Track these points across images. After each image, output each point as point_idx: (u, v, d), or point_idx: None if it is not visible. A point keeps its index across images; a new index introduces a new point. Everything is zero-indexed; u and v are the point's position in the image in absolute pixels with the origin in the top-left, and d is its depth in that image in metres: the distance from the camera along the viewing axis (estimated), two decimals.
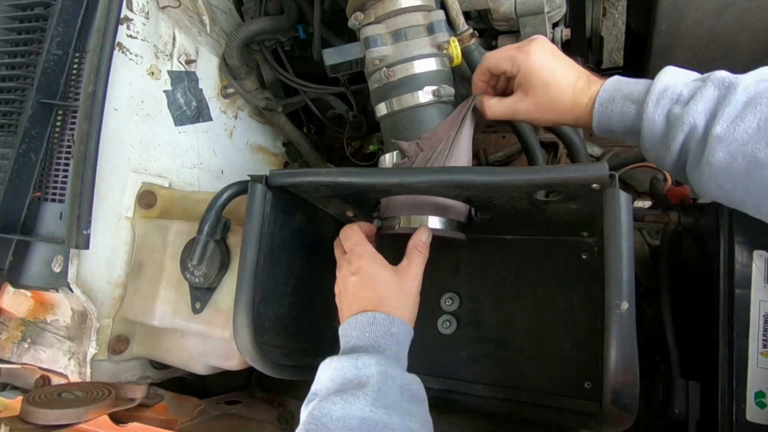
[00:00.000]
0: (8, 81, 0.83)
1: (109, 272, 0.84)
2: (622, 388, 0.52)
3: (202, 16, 1.07)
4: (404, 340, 0.64)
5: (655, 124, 0.59)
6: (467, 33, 0.86)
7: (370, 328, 0.62)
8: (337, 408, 0.53)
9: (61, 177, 0.82)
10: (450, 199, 0.71)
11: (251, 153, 1.20)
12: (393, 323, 0.63)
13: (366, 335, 0.62)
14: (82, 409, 0.76)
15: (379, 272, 0.66)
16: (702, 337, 0.75)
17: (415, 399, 0.59)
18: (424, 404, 0.60)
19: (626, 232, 0.54)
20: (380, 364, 0.57)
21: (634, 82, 0.63)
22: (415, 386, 0.60)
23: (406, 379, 0.59)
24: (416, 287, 0.68)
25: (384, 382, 0.56)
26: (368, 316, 0.63)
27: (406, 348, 0.65)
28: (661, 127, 0.59)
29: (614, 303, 0.53)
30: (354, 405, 0.53)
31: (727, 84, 0.56)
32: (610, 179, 0.56)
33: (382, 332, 0.62)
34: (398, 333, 0.63)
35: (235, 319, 0.68)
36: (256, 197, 0.70)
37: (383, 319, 0.63)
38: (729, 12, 0.95)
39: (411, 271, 0.68)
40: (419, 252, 0.69)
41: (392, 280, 0.66)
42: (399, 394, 0.57)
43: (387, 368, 0.57)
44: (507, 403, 0.76)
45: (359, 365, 0.57)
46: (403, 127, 0.76)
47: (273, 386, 1.17)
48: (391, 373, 0.57)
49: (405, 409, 0.56)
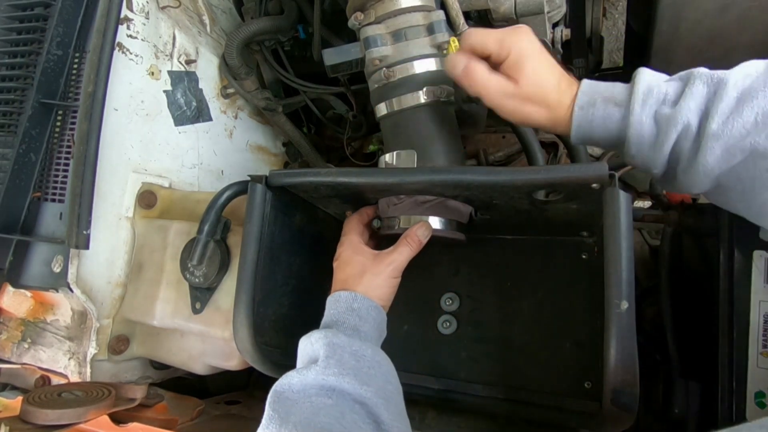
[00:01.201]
0: (8, 81, 0.82)
1: (109, 272, 0.84)
2: (622, 387, 0.52)
3: (202, 16, 1.07)
4: (367, 314, 0.65)
5: (644, 127, 0.57)
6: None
7: (334, 305, 0.66)
8: (295, 381, 0.56)
9: (61, 177, 0.82)
10: (451, 199, 0.71)
11: (251, 153, 1.20)
12: (355, 299, 0.65)
13: (331, 313, 0.66)
14: (82, 409, 0.76)
15: (353, 257, 0.70)
16: (702, 337, 0.75)
17: (375, 366, 0.60)
18: (384, 373, 0.61)
19: (626, 232, 0.54)
20: (327, 336, 0.60)
21: (611, 84, 0.60)
22: (369, 353, 0.60)
23: (355, 346, 0.60)
24: (390, 270, 0.69)
25: (333, 351, 0.58)
26: (335, 295, 0.67)
27: (370, 322, 0.66)
28: (650, 130, 0.56)
29: (614, 303, 0.53)
30: (308, 376, 0.57)
31: (716, 80, 0.55)
32: (609, 179, 0.56)
33: (343, 308, 0.65)
34: (360, 308, 0.65)
35: (235, 319, 0.68)
36: (256, 197, 0.70)
37: (345, 297, 0.66)
38: (729, 12, 0.95)
39: (389, 257, 0.69)
40: (407, 242, 0.70)
41: (364, 262, 0.69)
42: (354, 361, 0.58)
43: (333, 339, 0.60)
44: (507, 403, 0.76)
45: (312, 341, 0.61)
46: (403, 127, 0.76)
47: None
48: (338, 342, 0.59)
49: (360, 376, 0.57)
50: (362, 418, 0.54)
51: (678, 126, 0.55)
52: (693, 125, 0.54)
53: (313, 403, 0.54)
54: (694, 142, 0.54)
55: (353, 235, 0.74)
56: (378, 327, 0.67)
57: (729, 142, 0.52)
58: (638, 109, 0.57)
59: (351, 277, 0.69)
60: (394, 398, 0.60)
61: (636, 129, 0.57)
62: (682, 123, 0.54)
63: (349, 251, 0.71)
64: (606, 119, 0.59)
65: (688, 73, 0.57)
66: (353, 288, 0.67)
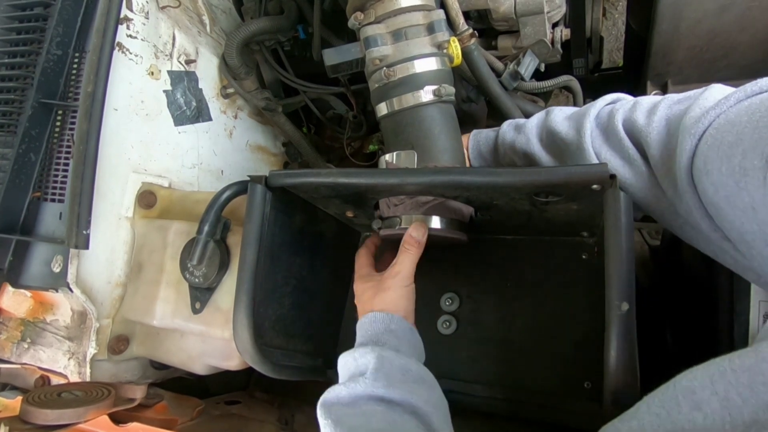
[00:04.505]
0: (8, 81, 0.82)
1: (108, 272, 0.84)
2: (623, 389, 0.52)
3: (202, 16, 1.07)
4: (403, 335, 0.67)
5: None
6: (467, 33, 0.86)
7: (370, 326, 0.67)
8: (344, 393, 0.57)
9: (61, 177, 0.82)
10: (452, 199, 0.71)
11: (251, 153, 1.20)
12: (392, 320, 0.67)
13: (368, 333, 0.67)
14: (82, 409, 0.76)
15: (365, 287, 0.74)
16: (702, 337, 0.75)
17: (420, 380, 0.62)
18: (430, 386, 0.62)
19: (627, 233, 0.54)
20: (375, 350, 0.61)
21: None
22: (414, 368, 0.62)
23: (403, 360, 0.62)
24: (398, 281, 0.70)
25: (381, 364, 0.59)
26: (369, 316, 0.68)
27: (406, 343, 0.67)
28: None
29: (615, 304, 0.53)
30: (357, 388, 0.57)
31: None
32: (610, 180, 0.56)
33: (381, 329, 0.67)
34: (397, 330, 0.67)
35: (235, 319, 0.68)
36: (256, 197, 0.70)
37: (382, 318, 0.67)
38: (729, 12, 0.95)
39: (393, 270, 0.71)
40: (405, 249, 0.71)
41: (374, 286, 0.72)
42: (400, 374, 0.60)
43: (382, 352, 0.61)
44: (507, 403, 0.76)
45: (357, 356, 0.62)
46: (404, 127, 0.76)
47: (273, 386, 1.17)
48: (387, 356, 0.61)
49: (407, 387, 0.58)
50: (414, 428, 0.55)
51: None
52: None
53: (365, 411, 0.55)
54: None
55: (362, 269, 0.78)
56: (416, 349, 0.69)
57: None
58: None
59: (368, 303, 0.71)
60: (442, 409, 0.61)
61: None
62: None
63: (360, 284, 0.75)
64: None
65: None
66: (380, 309, 0.69)
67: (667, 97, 0.59)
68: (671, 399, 0.36)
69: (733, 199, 0.44)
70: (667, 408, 0.36)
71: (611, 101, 0.67)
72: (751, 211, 0.43)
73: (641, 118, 0.58)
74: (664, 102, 0.58)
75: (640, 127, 0.58)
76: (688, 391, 0.35)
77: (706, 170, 0.48)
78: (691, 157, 0.50)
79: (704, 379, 0.35)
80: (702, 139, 0.49)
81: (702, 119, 0.49)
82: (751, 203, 0.42)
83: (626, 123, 0.61)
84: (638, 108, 0.60)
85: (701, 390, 0.35)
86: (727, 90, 0.53)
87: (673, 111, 0.56)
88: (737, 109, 0.47)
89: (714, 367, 0.35)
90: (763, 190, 0.41)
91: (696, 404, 0.34)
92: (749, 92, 0.48)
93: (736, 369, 0.34)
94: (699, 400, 0.34)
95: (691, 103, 0.53)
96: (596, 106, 0.67)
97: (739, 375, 0.33)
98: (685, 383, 0.36)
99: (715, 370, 0.35)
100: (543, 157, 0.73)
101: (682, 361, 0.77)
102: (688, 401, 0.35)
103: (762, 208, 0.41)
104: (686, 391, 0.35)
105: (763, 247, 0.44)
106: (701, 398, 0.34)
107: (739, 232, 0.47)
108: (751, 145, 0.42)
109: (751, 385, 0.32)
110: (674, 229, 0.62)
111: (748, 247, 0.46)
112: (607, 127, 0.63)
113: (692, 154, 0.50)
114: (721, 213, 0.48)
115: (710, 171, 0.47)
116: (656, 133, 0.56)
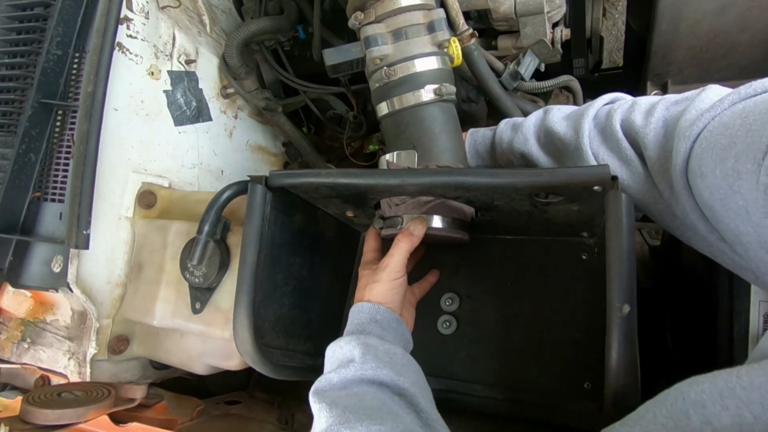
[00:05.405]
0: (8, 81, 0.82)
1: (109, 272, 0.84)
2: (624, 390, 0.52)
3: (202, 16, 1.07)
4: (388, 325, 0.69)
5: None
6: (467, 33, 0.86)
7: (357, 315, 0.70)
8: (335, 379, 0.58)
9: (61, 177, 0.82)
10: (453, 200, 0.71)
11: (251, 153, 1.20)
12: (377, 311, 0.70)
13: (355, 322, 0.69)
14: (82, 409, 0.76)
15: (360, 280, 0.75)
16: (702, 337, 0.75)
17: (407, 362, 0.63)
18: (415, 371, 0.64)
19: (627, 235, 0.54)
20: (360, 339, 0.63)
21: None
22: (399, 352, 0.64)
23: (387, 346, 0.63)
24: (387, 273, 0.72)
25: (367, 349, 0.61)
26: (357, 305, 0.71)
27: (392, 332, 0.69)
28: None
29: (616, 306, 0.53)
30: (347, 372, 0.59)
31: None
32: (611, 181, 0.56)
33: (366, 319, 0.69)
34: (382, 320, 0.69)
35: (235, 319, 0.68)
36: (256, 198, 0.70)
37: (368, 308, 0.70)
38: (729, 12, 0.95)
39: (384, 262, 0.73)
40: (398, 240, 0.72)
41: (367, 276, 0.74)
42: (387, 358, 0.61)
43: (366, 340, 0.63)
44: (507, 403, 0.76)
45: (342, 344, 0.64)
46: (404, 126, 0.76)
47: (273, 386, 1.17)
48: (371, 343, 0.62)
49: (396, 369, 0.60)
50: (403, 408, 0.56)
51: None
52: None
53: (356, 393, 0.56)
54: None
55: (367, 254, 0.80)
56: (402, 338, 0.71)
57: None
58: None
59: (360, 292, 0.73)
60: (428, 391, 0.62)
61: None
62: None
63: (360, 270, 0.77)
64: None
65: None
66: (368, 299, 0.71)
67: (665, 98, 0.59)
68: (681, 412, 0.36)
69: (728, 201, 0.45)
70: (675, 419, 0.36)
71: (610, 101, 0.68)
72: (745, 214, 0.43)
73: (639, 119, 0.58)
74: (662, 103, 0.58)
75: (638, 128, 0.58)
76: (698, 405, 0.35)
77: (700, 173, 0.48)
78: (686, 160, 0.50)
79: (713, 394, 0.35)
80: (697, 141, 0.49)
81: (697, 122, 0.49)
82: (745, 206, 0.43)
83: (624, 124, 0.61)
84: (636, 109, 0.60)
85: (711, 405, 0.35)
86: (723, 91, 0.53)
87: (671, 112, 0.56)
88: (731, 112, 0.47)
89: (722, 382, 0.35)
90: (756, 193, 0.41)
91: (706, 419, 0.34)
92: (743, 95, 0.48)
93: (746, 387, 0.34)
94: (710, 414, 0.34)
95: (687, 105, 0.53)
96: (594, 106, 0.67)
97: (750, 393, 0.33)
98: (695, 396, 0.36)
99: (723, 386, 0.35)
100: (541, 158, 0.73)
101: (682, 361, 0.78)
102: (699, 415, 0.35)
103: (756, 210, 0.41)
104: (697, 405, 0.35)
105: (758, 249, 0.44)
106: (712, 413, 0.34)
107: (734, 234, 0.47)
108: (743, 149, 0.42)
109: (762, 403, 0.32)
110: (672, 229, 0.62)
111: (744, 248, 0.46)
112: (605, 127, 0.63)
113: (687, 157, 0.50)
114: (717, 215, 0.48)
115: (705, 174, 0.47)
116: (653, 134, 0.56)
